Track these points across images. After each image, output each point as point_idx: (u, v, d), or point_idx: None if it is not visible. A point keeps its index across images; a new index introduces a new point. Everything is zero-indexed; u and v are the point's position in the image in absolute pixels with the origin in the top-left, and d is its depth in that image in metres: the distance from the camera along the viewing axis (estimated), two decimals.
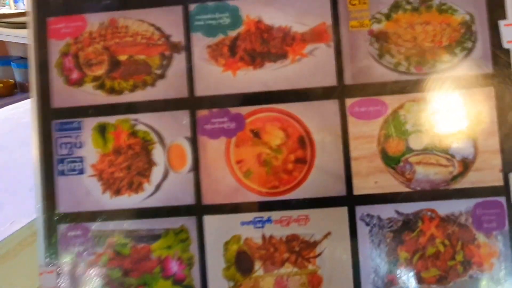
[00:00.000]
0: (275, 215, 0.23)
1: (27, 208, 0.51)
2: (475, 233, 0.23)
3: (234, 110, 0.24)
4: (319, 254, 0.23)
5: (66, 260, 0.24)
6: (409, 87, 0.23)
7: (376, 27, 0.23)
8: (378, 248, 0.23)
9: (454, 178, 0.23)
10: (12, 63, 1.66)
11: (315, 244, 0.23)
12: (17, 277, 0.52)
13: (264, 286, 0.23)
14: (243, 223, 0.24)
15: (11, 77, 1.67)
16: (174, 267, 0.24)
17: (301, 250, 0.23)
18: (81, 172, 0.24)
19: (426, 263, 0.23)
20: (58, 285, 0.24)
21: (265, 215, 0.23)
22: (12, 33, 1.50)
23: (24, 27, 1.52)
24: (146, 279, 0.24)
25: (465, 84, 0.23)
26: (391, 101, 0.23)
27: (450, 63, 0.23)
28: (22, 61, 1.73)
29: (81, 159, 0.24)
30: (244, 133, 0.24)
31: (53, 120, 0.24)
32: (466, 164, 0.23)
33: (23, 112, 0.89)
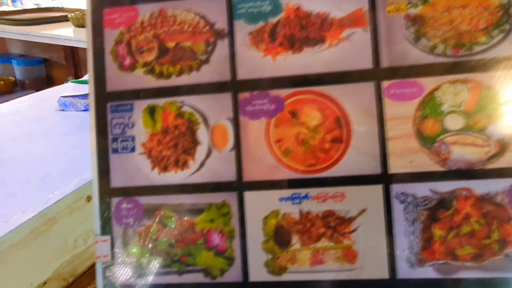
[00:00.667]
0: (312, 191, 0.25)
1: (38, 197, 0.52)
2: (511, 213, 0.23)
3: (273, 92, 0.25)
4: (355, 230, 0.24)
5: (118, 230, 0.26)
6: (445, 69, 0.24)
7: (412, 11, 0.24)
8: (412, 226, 0.24)
9: (491, 158, 0.23)
10: (12, 60, 1.74)
11: (350, 220, 0.24)
12: (30, 266, 0.54)
13: (300, 259, 0.25)
14: (281, 199, 0.25)
15: (12, 74, 1.75)
16: (216, 239, 0.25)
17: (337, 225, 0.24)
18: (132, 150, 0.26)
19: (461, 241, 0.23)
20: (112, 253, 0.26)
21: (302, 191, 0.25)
22: (13, 30, 1.58)
23: (24, 24, 1.60)
24: (190, 250, 0.26)
25: (502, 66, 0.23)
26: (427, 83, 0.24)
27: (487, 46, 0.23)
28: (22, 58, 1.81)
29: (132, 138, 0.26)
30: (283, 114, 0.25)
31: (108, 103, 0.27)
32: (502, 145, 0.23)
33: (28, 106, 0.92)
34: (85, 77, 1.10)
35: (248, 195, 0.25)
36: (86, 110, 0.87)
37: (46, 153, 0.70)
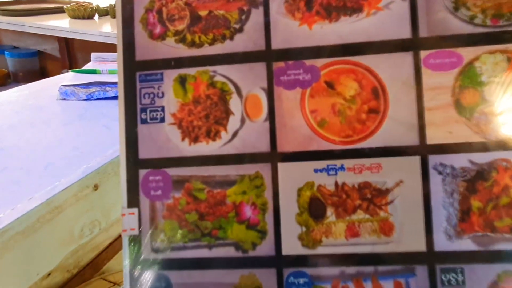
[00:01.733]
0: (348, 163, 0.24)
1: (44, 185, 0.52)
2: None
3: (309, 62, 0.25)
4: (391, 202, 0.24)
5: (146, 203, 0.26)
6: (485, 39, 0.23)
7: None
8: (451, 197, 0.23)
9: None
10: (5, 52, 1.71)
11: (387, 191, 0.24)
12: (36, 255, 0.53)
13: (336, 231, 0.24)
14: (316, 170, 0.24)
15: (4, 66, 1.73)
16: (248, 212, 0.25)
17: (373, 197, 0.24)
18: (162, 120, 0.26)
19: (500, 212, 0.23)
20: (139, 226, 0.25)
21: (338, 163, 0.24)
22: (6, 21, 1.55)
23: (18, 15, 1.57)
24: (221, 223, 0.25)
25: None
26: (467, 53, 0.24)
27: None
28: (15, 50, 1.78)
29: (162, 108, 0.26)
30: (319, 84, 0.25)
31: (137, 72, 0.26)
32: None
33: (27, 95, 0.91)
34: (85, 67, 1.08)
35: (282, 167, 0.25)
36: (88, 99, 0.86)
37: (48, 142, 0.69)
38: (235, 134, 0.25)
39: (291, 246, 0.24)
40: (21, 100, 0.89)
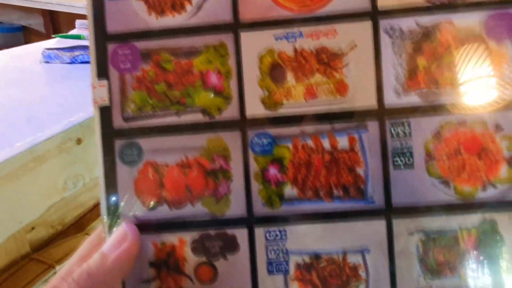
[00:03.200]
0: (306, 30, 0.26)
1: (26, 136, 0.52)
2: (487, 42, 0.25)
3: None
4: (346, 64, 0.26)
5: (115, 75, 0.27)
6: None
7: None
8: (399, 58, 0.26)
9: None
10: None
11: (342, 55, 0.26)
12: (19, 203, 0.54)
13: (295, 94, 0.26)
14: (276, 38, 0.26)
15: None
16: (214, 79, 0.26)
17: (329, 61, 0.26)
18: None
19: (443, 69, 0.25)
20: (109, 97, 0.27)
21: (296, 30, 0.26)
22: None
23: None
24: (189, 91, 0.26)
25: None
26: None
27: None
28: None
29: None
30: None
31: None
32: None
33: (10, 58, 0.90)
34: (70, 33, 1.07)
35: (244, 35, 0.26)
36: (72, 62, 0.84)
37: (32, 99, 0.68)
38: (200, 7, 0.26)
39: (254, 109, 0.26)
40: (2, 62, 0.88)
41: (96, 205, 0.72)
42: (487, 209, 0.25)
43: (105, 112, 0.27)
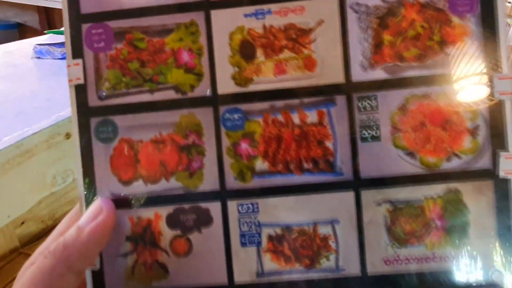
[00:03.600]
0: (275, 7, 0.26)
1: (14, 130, 0.52)
2: (450, 17, 0.26)
3: None
4: (314, 40, 0.26)
5: (90, 54, 0.27)
6: None
7: None
8: (365, 33, 0.26)
9: None
10: None
11: (310, 31, 0.26)
12: (7, 197, 0.53)
13: (265, 70, 0.27)
14: (246, 15, 0.27)
15: None
16: (185, 57, 0.27)
17: (297, 37, 0.26)
18: None
19: (407, 44, 0.26)
20: (84, 76, 0.27)
21: (265, 7, 0.27)
22: None
23: None
24: (161, 69, 0.27)
25: None
26: None
27: None
28: None
29: None
30: None
31: None
32: None
33: (2, 54, 0.90)
34: (62, 29, 1.06)
35: (214, 13, 0.27)
36: (63, 58, 0.85)
37: (21, 94, 0.68)
38: None
39: (225, 85, 0.27)
40: None
41: None
42: (451, 179, 0.26)
43: (80, 91, 0.27)
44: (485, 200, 0.26)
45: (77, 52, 0.27)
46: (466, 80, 0.26)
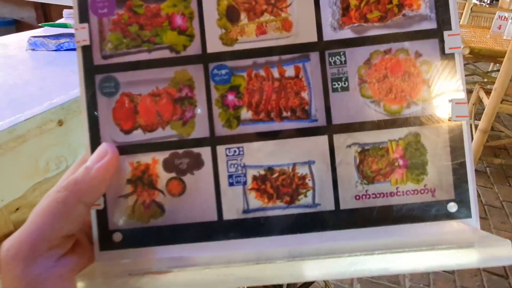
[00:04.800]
0: None
1: (7, 116, 0.53)
2: None
3: None
4: (290, 4, 0.30)
5: (94, 19, 0.31)
6: None
7: None
8: None
9: None
10: None
11: None
12: (0, 181, 0.53)
13: (248, 31, 0.31)
14: None
15: None
16: (179, 20, 0.31)
17: (275, 1, 0.30)
18: None
19: (370, 7, 0.30)
20: (90, 38, 0.31)
21: None
22: None
23: None
24: (157, 31, 0.31)
25: None
26: None
27: None
28: None
29: None
30: None
31: None
32: None
33: None
34: (58, 21, 1.06)
35: None
36: (57, 50, 0.85)
37: (14, 82, 0.69)
38: None
39: (214, 45, 0.31)
40: None
41: None
42: (411, 124, 0.30)
43: (86, 51, 0.31)
44: (441, 141, 0.30)
45: (83, 17, 0.31)
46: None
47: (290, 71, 0.30)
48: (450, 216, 0.29)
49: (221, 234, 0.30)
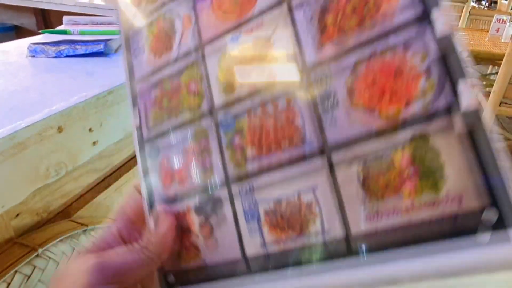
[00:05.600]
0: (245, 28, 0.33)
1: (7, 123, 0.53)
2: None
3: None
4: (271, 45, 0.32)
5: (142, 105, 0.40)
6: None
7: None
8: (310, 24, 0.29)
9: None
10: None
11: (270, 38, 0.32)
12: (0, 187, 0.53)
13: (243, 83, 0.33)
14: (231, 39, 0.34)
15: None
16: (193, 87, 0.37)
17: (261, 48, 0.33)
18: None
19: (348, 16, 0.28)
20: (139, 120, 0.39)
21: (237, 31, 0.34)
22: None
23: None
24: (180, 99, 0.37)
25: None
26: None
27: None
28: None
29: None
30: None
31: None
32: None
33: None
34: (58, 28, 1.02)
35: (208, 49, 0.36)
36: (57, 56, 0.83)
37: (15, 89, 0.68)
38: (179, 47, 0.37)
39: (218, 99, 0.35)
40: None
41: (82, 195, 0.73)
42: (414, 124, 0.25)
43: (138, 130, 0.39)
44: (454, 136, 0.23)
45: (135, 103, 0.40)
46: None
47: (282, 104, 0.30)
48: (485, 226, 0.22)
49: (246, 269, 0.31)
